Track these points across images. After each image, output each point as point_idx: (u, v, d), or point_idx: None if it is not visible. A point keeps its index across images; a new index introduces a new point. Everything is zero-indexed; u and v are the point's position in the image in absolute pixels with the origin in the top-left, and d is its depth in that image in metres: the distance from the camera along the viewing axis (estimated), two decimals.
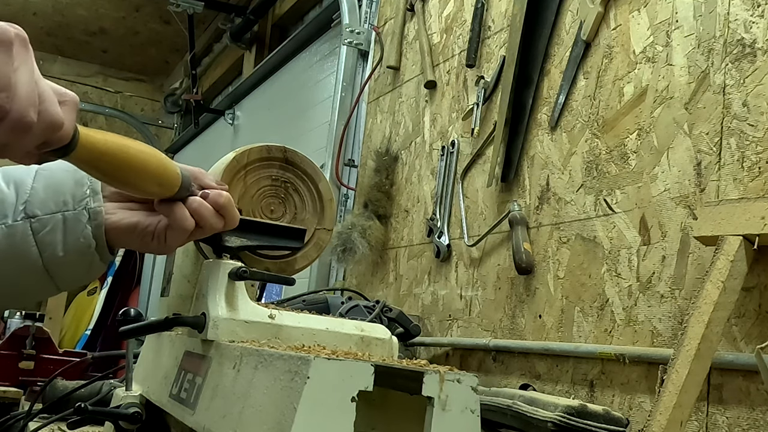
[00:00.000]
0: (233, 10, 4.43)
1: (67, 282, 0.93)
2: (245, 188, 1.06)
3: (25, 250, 0.88)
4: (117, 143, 0.80)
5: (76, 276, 0.93)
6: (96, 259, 0.91)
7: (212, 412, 0.86)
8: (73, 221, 0.89)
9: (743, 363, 1.17)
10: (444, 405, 0.70)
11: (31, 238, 0.88)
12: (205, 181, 0.93)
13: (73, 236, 0.89)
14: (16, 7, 5.24)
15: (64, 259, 0.89)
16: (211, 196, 0.91)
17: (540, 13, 1.81)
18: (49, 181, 0.89)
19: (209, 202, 0.91)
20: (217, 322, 0.92)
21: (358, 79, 2.78)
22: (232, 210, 0.93)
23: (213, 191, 0.92)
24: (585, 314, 1.53)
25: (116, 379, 1.83)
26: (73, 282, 0.94)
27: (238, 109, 4.38)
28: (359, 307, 1.67)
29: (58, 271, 0.90)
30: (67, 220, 0.89)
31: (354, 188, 2.66)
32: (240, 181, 1.06)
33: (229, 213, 0.93)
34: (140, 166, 0.82)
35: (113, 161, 0.79)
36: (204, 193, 0.91)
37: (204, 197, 0.91)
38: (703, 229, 1.20)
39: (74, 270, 0.91)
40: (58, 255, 0.89)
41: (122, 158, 0.80)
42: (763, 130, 1.22)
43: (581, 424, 1.23)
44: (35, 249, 0.88)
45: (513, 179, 1.81)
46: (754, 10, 1.27)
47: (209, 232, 0.93)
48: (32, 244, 0.88)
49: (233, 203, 0.94)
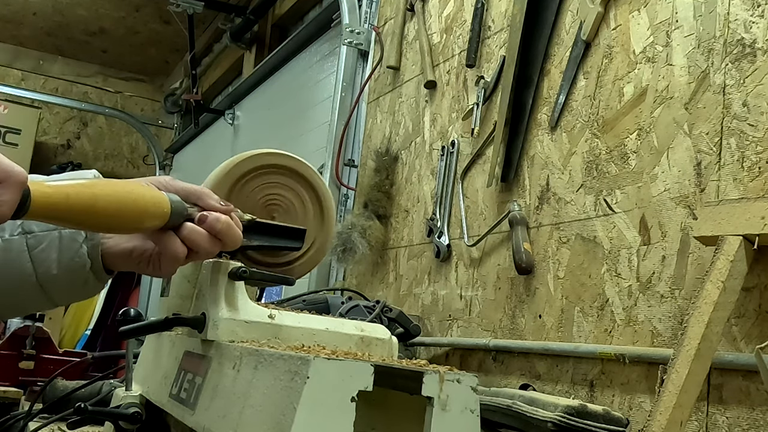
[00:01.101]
0: (233, 10, 4.43)
1: (62, 298, 0.92)
2: (246, 195, 1.06)
3: (21, 266, 0.87)
4: (83, 198, 0.76)
5: (71, 293, 0.92)
6: (91, 278, 0.90)
7: (212, 412, 0.86)
8: (68, 240, 0.88)
9: (743, 363, 1.17)
10: (444, 405, 0.70)
11: (26, 254, 0.87)
12: (208, 202, 0.90)
13: (68, 254, 0.88)
14: (16, 7, 5.24)
15: (58, 276, 0.89)
16: (209, 221, 0.88)
17: (540, 13, 1.81)
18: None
19: (206, 227, 0.87)
20: (217, 322, 0.93)
21: (358, 79, 2.78)
22: (231, 233, 0.90)
23: (211, 216, 0.88)
24: (585, 314, 1.53)
25: (116, 379, 1.83)
26: (69, 299, 0.94)
27: (238, 109, 4.39)
28: (359, 307, 1.67)
29: (53, 288, 0.90)
30: (63, 237, 0.88)
31: (354, 188, 2.66)
32: (241, 188, 1.06)
33: (228, 236, 0.89)
34: (114, 212, 0.79)
35: (79, 216, 0.77)
36: (202, 216, 0.88)
37: (201, 221, 0.88)
38: (703, 229, 1.20)
39: (69, 287, 0.91)
40: (53, 272, 0.88)
41: (90, 211, 0.77)
42: (763, 130, 1.22)
43: (581, 424, 1.23)
44: (30, 265, 0.87)
45: (513, 179, 1.81)
46: (754, 10, 1.27)
47: (205, 257, 0.90)
48: (27, 260, 0.87)
49: (233, 225, 0.90)
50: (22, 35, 5.75)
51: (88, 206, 0.76)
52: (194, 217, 0.88)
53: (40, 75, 6.14)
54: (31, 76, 6.11)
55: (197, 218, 0.88)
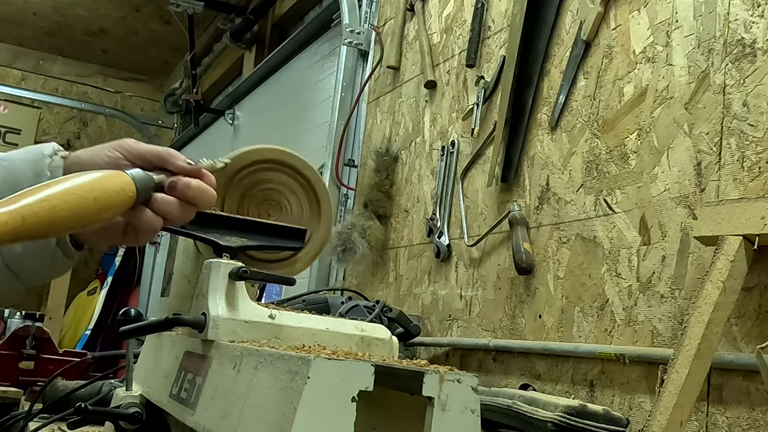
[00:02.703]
0: (233, 10, 4.43)
1: (31, 278, 0.89)
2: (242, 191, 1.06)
3: None
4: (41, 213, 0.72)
5: (39, 272, 0.89)
6: (59, 255, 0.87)
7: (212, 412, 0.86)
8: None
9: (743, 363, 1.17)
10: (444, 405, 0.70)
11: None
12: (176, 164, 0.86)
13: None
14: (16, 7, 5.24)
15: (24, 255, 0.86)
16: (179, 189, 0.84)
17: (540, 13, 1.81)
18: (8, 173, 0.85)
19: (177, 194, 0.84)
20: (218, 322, 0.93)
21: (358, 79, 2.77)
22: (204, 196, 0.86)
23: (181, 183, 0.85)
24: (585, 314, 1.53)
25: (116, 379, 1.82)
26: (38, 278, 0.90)
27: (238, 109, 4.38)
28: (359, 307, 1.67)
29: (20, 268, 0.87)
30: None
31: (354, 188, 2.66)
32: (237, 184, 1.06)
33: (201, 200, 0.86)
34: (76, 216, 0.75)
35: (40, 231, 0.73)
36: (171, 183, 0.85)
37: (172, 188, 0.84)
38: (703, 229, 1.20)
39: (37, 266, 0.87)
40: (17, 250, 0.85)
41: (51, 224, 0.73)
42: (763, 130, 1.22)
43: (581, 424, 1.23)
44: None
45: (513, 179, 1.81)
46: (754, 10, 1.27)
47: (181, 223, 0.87)
48: None
49: (205, 188, 0.86)
50: (22, 35, 5.76)
51: (48, 221, 0.73)
52: (164, 185, 0.85)
53: (40, 75, 6.14)
54: (31, 76, 6.11)
55: (167, 186, 0.85)
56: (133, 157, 0.86)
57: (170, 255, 1.25)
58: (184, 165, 0.86)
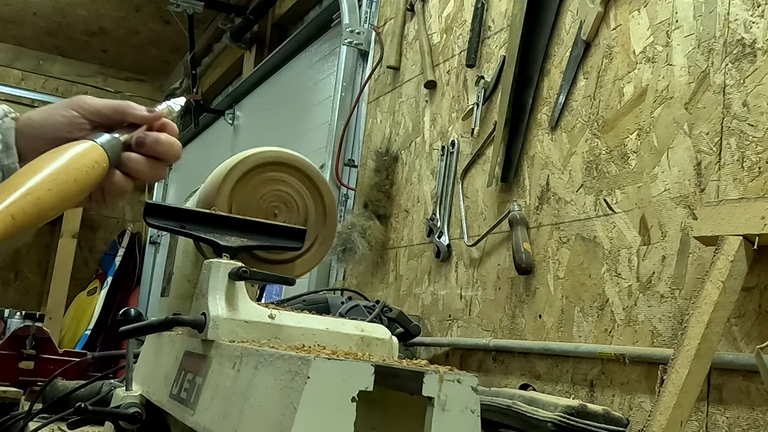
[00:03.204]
0: (233, 10, 4.43)
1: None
2: (249, 193, 1.06)
3: None
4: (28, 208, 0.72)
5: None
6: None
7: (212, 412, 0.86)
8: None
9: (743, 363, 1.17)
10: (444, 405, 0.70)
11: None
12: (136, 115, 0.84)
13: None
14: (16, 7, 5.24)
15: None
16: (148, 145, 0.82)
17: (540, 13, 1.81)
18: None
19: (147, 151, 0.82)
20: (217, 322, 0.92)
21: (358, 79, 2.78)
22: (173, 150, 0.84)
23: (149, 138, 0.83)
24: (585, 314, 1.53)
25: (116, 379, 1.82)
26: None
27: (238, 109, 4.38)
28: (359, 307, 1.67)
29: None
30: None
31: (354, 188, 2.66)
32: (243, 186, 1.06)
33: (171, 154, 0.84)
34: (61, 202, 0.75)
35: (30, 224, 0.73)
36: (139, 140, 0.82)
37: (141, 144, 0.82)
38: (703, 229, 1.20)
39: None
40: None
41: (38, 215, 0.73)
42: (763, 130, 1.22)
43: (581, 424, 1.23)
44: None
45: (513, 179, 1.81)
46: (754, 10, 1.27)
47: (152, 180, 0.86)
48: None
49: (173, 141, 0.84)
50: (22, 35, 5.75)
51: (35, 214, 0.73)
52: (130, 142, 0.83)
53: (40, 75, 6.14)
54: (31, 76, 6.11)
55: (134, 143, 0.83)
56: (90, 114, 0.85)
57: (170, 255, 1.25)
58: (145, 114, 0.85)
